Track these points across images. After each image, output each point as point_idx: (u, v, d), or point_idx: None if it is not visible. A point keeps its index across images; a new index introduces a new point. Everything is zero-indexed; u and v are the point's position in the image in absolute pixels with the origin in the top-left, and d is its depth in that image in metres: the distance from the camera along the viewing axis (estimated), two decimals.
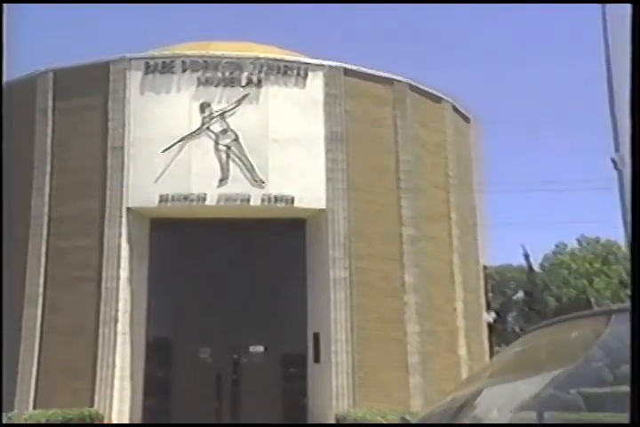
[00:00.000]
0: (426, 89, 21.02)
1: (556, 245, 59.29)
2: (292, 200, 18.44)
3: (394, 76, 20.48)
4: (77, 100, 19.17)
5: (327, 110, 19.23)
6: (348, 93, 19.51)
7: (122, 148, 18.67)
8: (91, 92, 19.09)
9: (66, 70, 19.50)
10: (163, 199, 18.22)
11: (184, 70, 18.77)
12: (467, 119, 23.11)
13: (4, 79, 15.36)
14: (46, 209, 18.48)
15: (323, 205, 18.73)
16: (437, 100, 21.48)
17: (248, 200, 18.15)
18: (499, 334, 41.55)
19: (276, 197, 18.33)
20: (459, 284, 20.61)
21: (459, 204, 21.26)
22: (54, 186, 18.58)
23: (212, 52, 19.37)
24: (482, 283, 22.57)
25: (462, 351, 20.37)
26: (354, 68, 19.95)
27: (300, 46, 22.71)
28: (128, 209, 18.35)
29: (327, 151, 18.95)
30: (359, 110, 19.63)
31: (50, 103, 19.00)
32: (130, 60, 19.05)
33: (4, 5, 10.77)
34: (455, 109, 22.20)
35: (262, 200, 18.20)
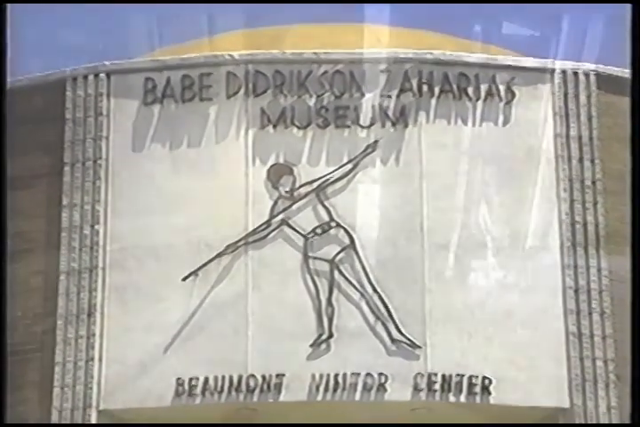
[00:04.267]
0: None
1: None
2: (487, 388, 10.24)
3: None
4: None
5: (567, 177, 10.65)
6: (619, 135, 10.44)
7: (90, 271, 10.56)
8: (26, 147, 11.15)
9: None
10: (181, 391, 10.06)
11: (232, 92, 10.76)
12: None
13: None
14: None
15: (563, 402, 10.46)
16: None
17: (382, 388, 10.17)
18: None
19: (446, 381, 10.22)
20: None
21: None
22: None
23: (290, 52, 10.92)
24: None
25: None
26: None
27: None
28: (100, 413, 10.62)
29: (566, 283, 10.49)
30: None
31: None
32: (108, 74, 10.95)
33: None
34: None
35: (415, 388, 10.14)
